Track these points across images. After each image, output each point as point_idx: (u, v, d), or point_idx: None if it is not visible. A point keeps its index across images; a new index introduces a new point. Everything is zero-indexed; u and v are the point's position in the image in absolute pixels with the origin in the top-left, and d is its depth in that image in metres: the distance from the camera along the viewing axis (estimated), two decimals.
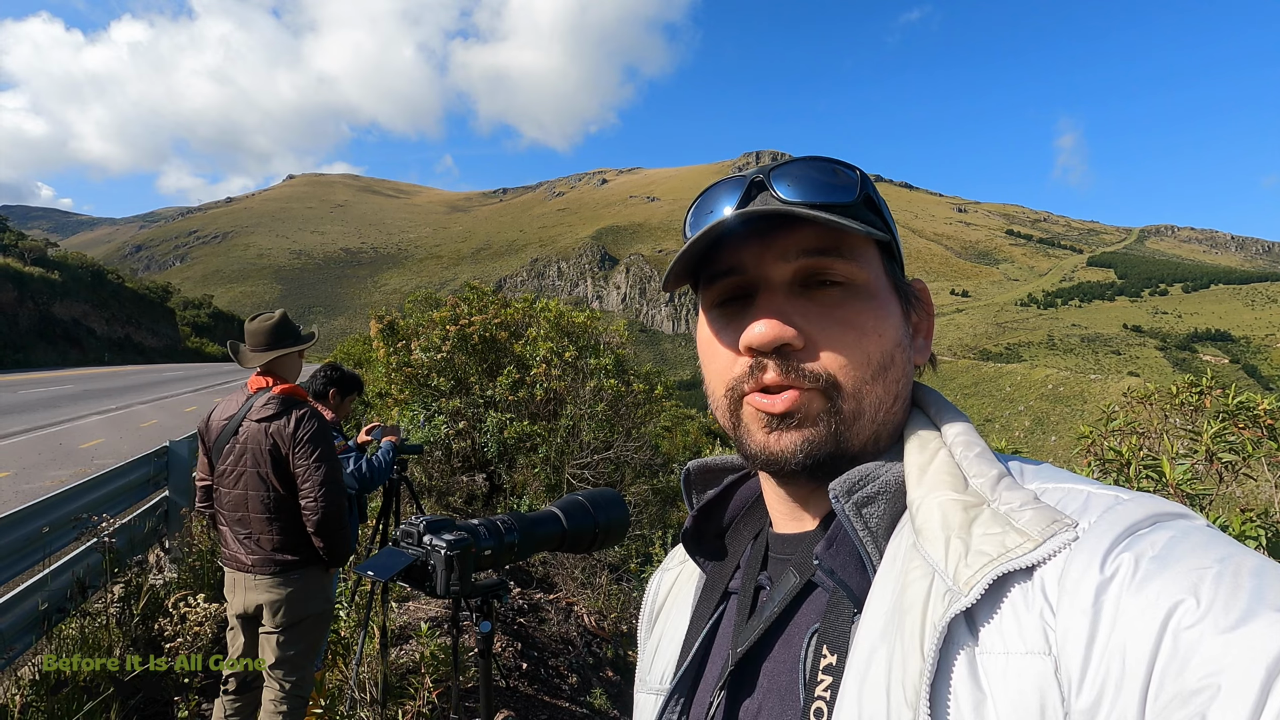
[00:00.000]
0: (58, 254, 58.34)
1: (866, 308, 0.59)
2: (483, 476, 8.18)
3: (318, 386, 3.50)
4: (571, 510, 1.32)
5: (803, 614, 0.61)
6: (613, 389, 7.73)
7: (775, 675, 0.60)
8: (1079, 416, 44.93)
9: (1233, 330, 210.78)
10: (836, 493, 0.56)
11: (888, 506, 0.57)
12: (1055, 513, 0.50)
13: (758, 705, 0.60)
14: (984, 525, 0.50)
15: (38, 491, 7.18)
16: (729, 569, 0.70)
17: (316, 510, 2.59)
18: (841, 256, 0.59)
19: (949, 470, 0.55)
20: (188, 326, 72.31)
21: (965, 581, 0.47)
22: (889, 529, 0.56)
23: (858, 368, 0.58)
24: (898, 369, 0.61)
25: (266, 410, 2.67)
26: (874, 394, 0.59)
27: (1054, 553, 0.47)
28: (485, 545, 1.12)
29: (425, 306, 11.70)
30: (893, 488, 0.58)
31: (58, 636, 3.46)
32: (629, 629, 5.71)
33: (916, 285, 0.66)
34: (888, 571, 0.54)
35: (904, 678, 0.47)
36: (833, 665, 0.54)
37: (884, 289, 0.61)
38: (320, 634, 2.81)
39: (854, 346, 0.58)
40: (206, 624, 3.22)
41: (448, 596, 1.04)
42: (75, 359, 43.15)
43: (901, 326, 0.62)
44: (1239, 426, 2.62)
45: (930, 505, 0.53)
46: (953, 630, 0.47)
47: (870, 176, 0.62)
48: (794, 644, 0.59)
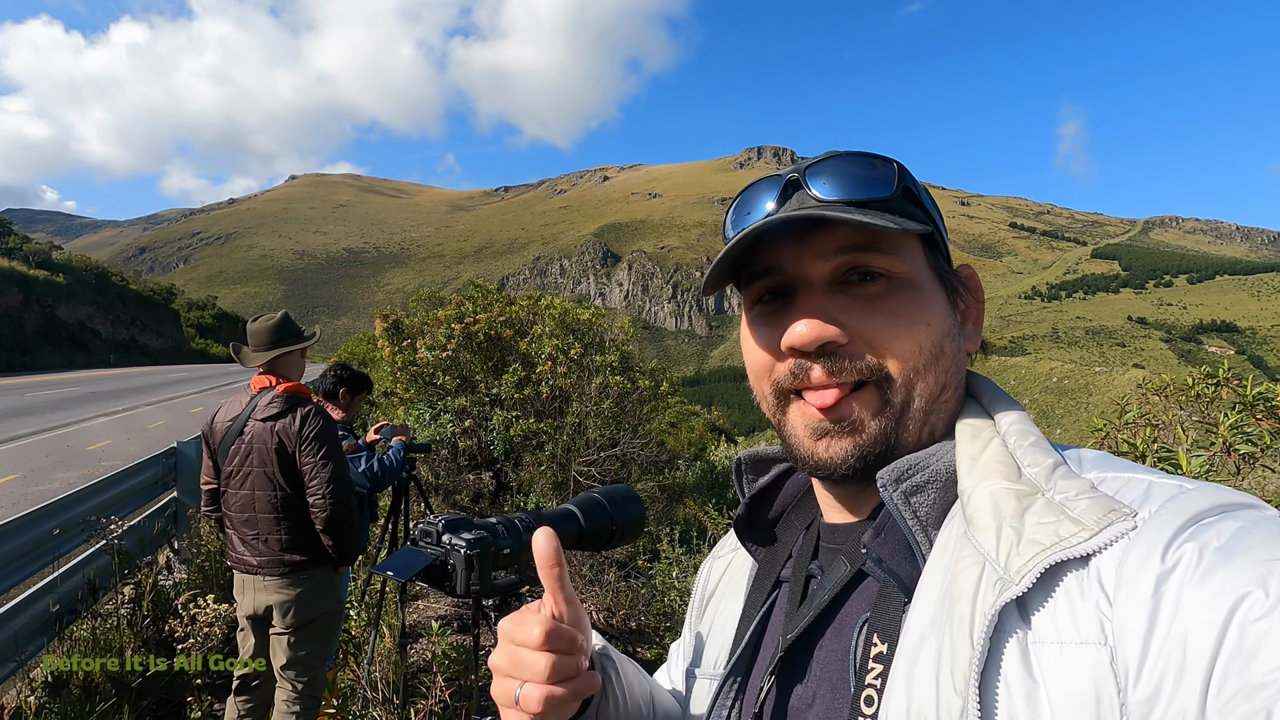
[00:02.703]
0: (62, 257, 58.55)
1: (911, 298, 0.59)
2: (489, 474, 8.19)
3: (327, 386, 3.50)
4: (588, 507, 1.30)
5: (853, 603, 0.61)
6: (618, 386, 7.72)
7: (827, 663, 0.60)
8: (1084, 409, 44.83)
9: (1238, 321, 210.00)
10: (884, 481, 0.56)
11: (938, 496, 0.57)
12: (1112, 502, 0.49)
13: (811, 692, 0.61)
14: (1037, 514, 0.49)
15: (46, 494, 7.20)
16: (781, 557, 0.71)
17: (325, 507, 2.57)
18: (881, 250, 0.59)
19: (1002, 459, 0.55)
20: (192, 328, 72.53)
21: (1017, 570, 0.47)
22: (939, 518, 0.57)
23: (908, 358, 0.58)
24: (948, 358, 0.60)
25: (272, 409, 2.65)
26: (926, 384, 0.59)
27: (1110, 542, 0.46)
28: (504, 544, 1.11)
29: (429, 305, 11.71)
30: (943, 477, 0.57)
31: (69, 638, 3.47)
32: (638, 625, 5.70)
33: (964, 272, 0.66)
34: (938, 560, 0.54)
35: (953, 666, 0.47)
36: (883, 654, 0.54)
37: (928, 279, 0.61)
38: (331, 634, 2.81)
39: (903, 337, 0.58)
40: (217, 624, 3.22)
41: (468, 596, 1.02)
42: (81, 361, 43.29)
43: (949, 315, 0.62)
44: (1256, 418, 2.60)
45: (981, 494, 0.53)
46: (1003, 619, 0.47)
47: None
48: (845, 632, 0.60)
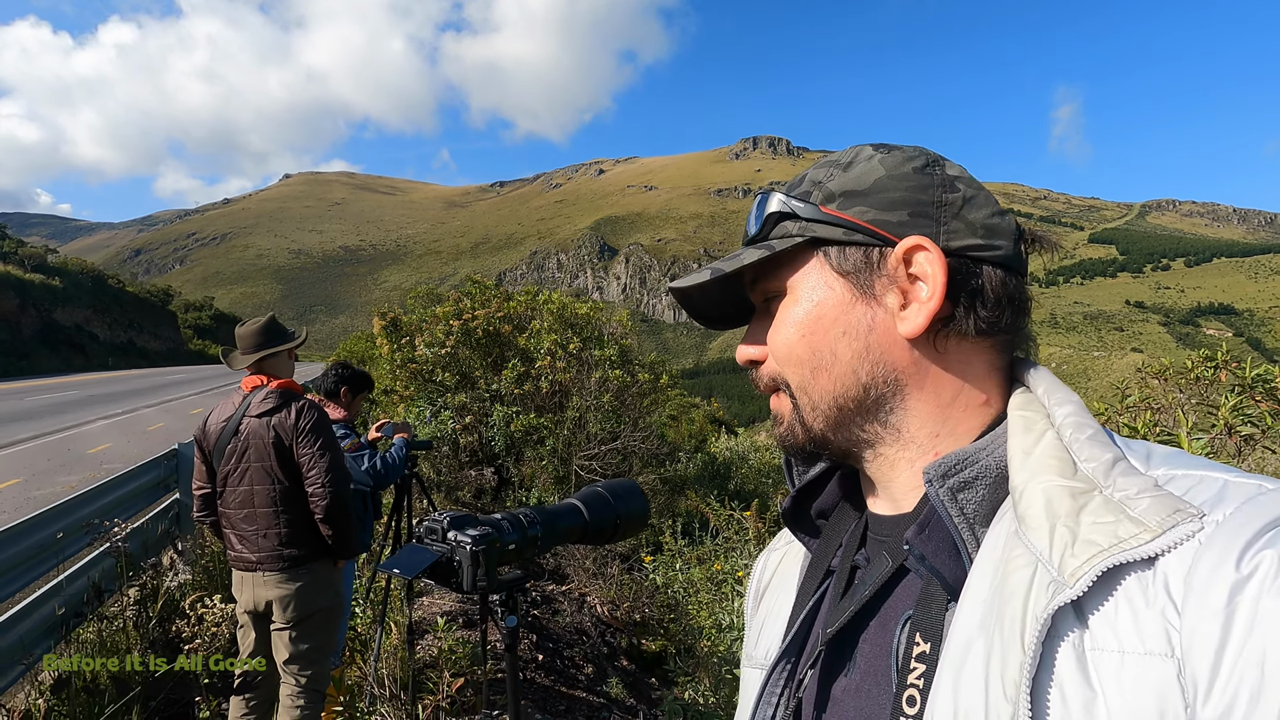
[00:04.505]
0: (57, 260, 58.38)
1: (793, 312, 0.63)
2: (491, 470, 8.20)
3: (329, 385, 3.50)
4: (592, 501, 1.31)
5: (897, 597, 0.60)
6: (618, 379, 7.72)
7: (871, 657, 0.60)
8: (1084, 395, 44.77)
9: (1236, 303, 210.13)
10: (930, 476, 0.55)
11: (987, 492, 0.55)
12: (1178, 501, 0.46)
13: (854, 685, 0.60)
14: (1094, 513, 0.48)
15: (48, 498, 7.21)
16: (832, 547, 0.70)
17: (324, 496, 2.61)
18: (770, 276, 0.65)
19: (1056, 454, 0.53)
20: (190, 329, 72.43)
21: (1071, 573, 0.45)
22: (988, 516, 0.55)
23: (794, 365, 0.63)
24: (846, 359, 0.61)
25: (266, 404, 2.69)
26: (820, 386, 0.62)
27: (1176, 544, 0.44)
28: (509, 540, 1.11)
29: (427, 302, 11.69)
30: (993, 472, 0.56)
31: (75, 641, 3.48)
32: (642, 618, 5.72)
33: (902, 253, 0.60)
34: (986, 560, 0.52)
35: (1003, 670, 0.46)
36: (925, 654, 0.54)
37: (814, 285, 0.63)
38: (332, 628, 2.83)
39: (790, 347, 0.63)
40: (223, 624, 3.23)
41: (474, 592, 1.03)
42: (79, 365, 43.24)
43: (848, 313, 0.61)
44: (1255, 399, 2.60)
45: (1034, 491, 0.51)
46: (1057, 623, 0.45)
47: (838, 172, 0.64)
48: (889, 627, 0.59)
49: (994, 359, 0.62)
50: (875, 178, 0.62)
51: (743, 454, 12.03)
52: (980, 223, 0.60)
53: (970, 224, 0.60)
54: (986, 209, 0.61)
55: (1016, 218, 0.64)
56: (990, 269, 0.60)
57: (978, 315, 0.59)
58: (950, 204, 0.61)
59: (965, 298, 0.59)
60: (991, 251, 0.60)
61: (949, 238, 0.60)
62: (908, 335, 0.60)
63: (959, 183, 0.62)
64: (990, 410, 0.61)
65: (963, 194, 0.61)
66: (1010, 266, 0.61)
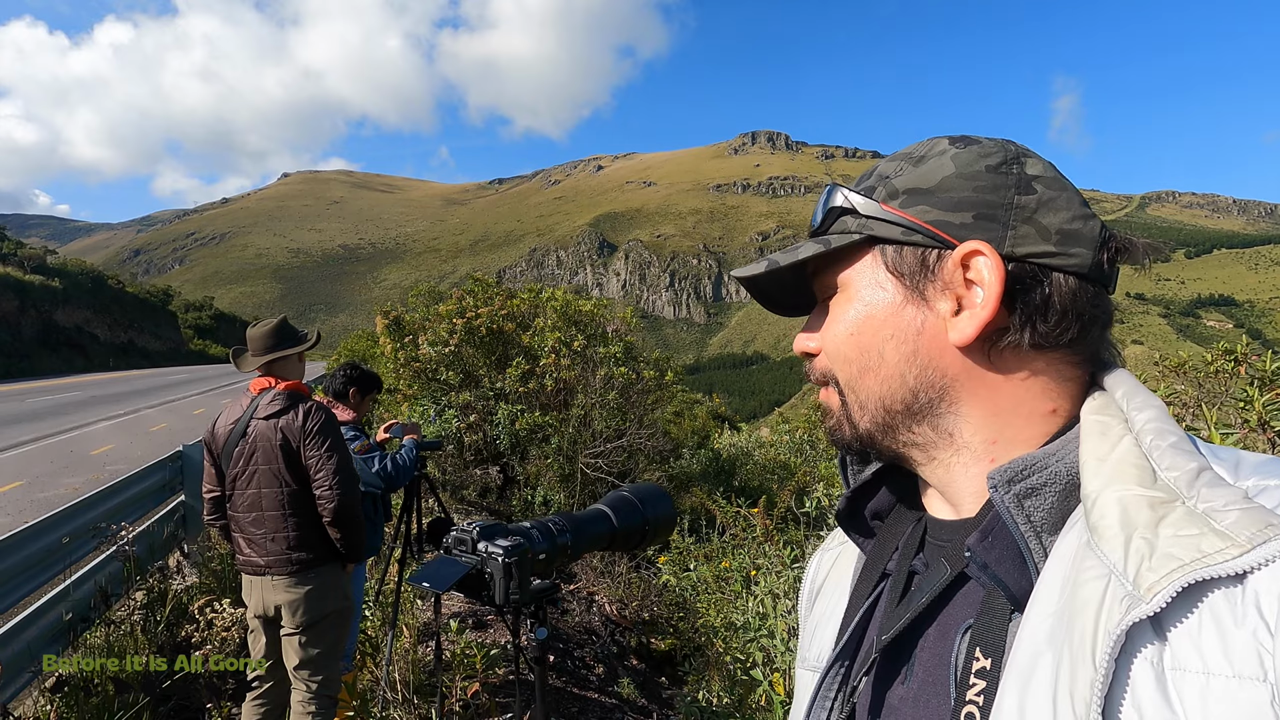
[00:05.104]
0: (57, 261, 58.37)
1: (845, 309, 0.63)
2: (496, 469, 8.17)
3: (337, 385, 3.46)
4: (620, 507, 1.27)
5: (956, 605, 0.58)
6: (623, 377, 7.68)
7: (931, 667, 0.58)
8: None
9: (1236, 294, 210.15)
10: (995, 482, 0.53)
11: (1056, 500, 0.53)
12: (1270, 515, 0.43)
13: (913, 694, 0.59)
14: (1175, 525, 0.45)
15: (51, 500, 7.18)
16: (888, 550, 0.68)
17: (332, 498, 2.58)
18: (829, 269, 0.65)
19: (1135, 461, 0.50)
20: (190, 329, 72.44)
21: (1149, 587, 0.42)
22: (1056, 524, 0.53)
23: (843, 363, 0.63)
24: (893, 362, 0.60)
25: (273, 406, 2.67)
26: (867, 386, 0.61)
27: (1267, 561, 0.41)
28: (540, 549, 1.08)
29: (429, 300, 11.65)
30: (1063, 479, 0.53)
31: (83, 647, 3.45)
32: (650, 616, 5.70)
33: (960, 256, 0.58)
34: (1055, 571, 0.50)
35: (1073, 687, 0.44)
36: (985, 669, 0.52)
37: (867, 284, 0.62)
38: (342, 632, 2.80)
39: (839, 345, 0.63)
40: (234, 628, 3.20)
41: (507, 606, 0.99)
42: (80, 365, 43.22)
43: (898, 315, 0.60)
44: (1277, 393, 2.56)
45: (1108, 500, 0.48)
46: (1132, 640, 0.43)
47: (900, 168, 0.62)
48: (948, 636, 0.58)
49: (1065, 370, 0.58)
50: (943, 175, 0.59)
51: (747, 450, 11.99)
52: (1056, 228, 0.57)
53: (1043, 229, 0.57)
54: (1066, 213, 0.57)
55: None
56: (1060, 278, 0.56)
57: (1035, 329, 0.56)
58: (1023, 207, 0.57)
59: (1025, 309, 0.56)
60: (1065, 259, 0.56)
61: (1015, 244, 0.56)
62: (957, 344, 0.57)
63: (1038, 183, 0.58)
64: (1058, 418, 0.58)
65: (1039, 196, 0.57)
66: (1086, 277, 0.57)
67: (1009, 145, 0.61)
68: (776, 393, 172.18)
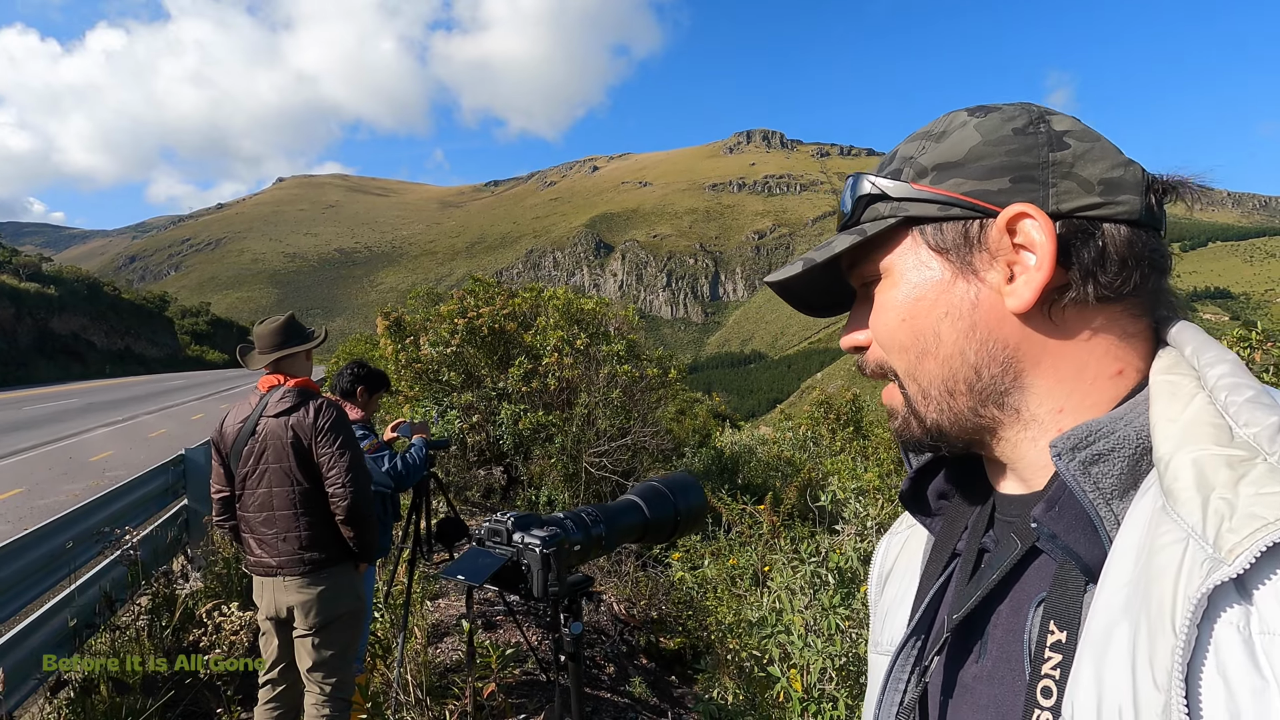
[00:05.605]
0: (53, 269, 58.25)
1: (891, 295, 0.61)
2: (500, 469, 8.14)
3: (345, 384, 3.42)
4: (651, 497, 1.24)
5: (1028, 579, 0.57)
6: (626, 374, 7.65)
7: (1004, 643, 0.57)
8: None
9: (1231, 287, 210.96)
10: (1059, 450, 0.51)
11: (1126, 466, 0.51)
12: None
13: (987, 671, 0.58)
14: (1256, 483, 0.42)
15: (51, 507, 7.12)
16: (957, 529, 0.67)
17: (345, 496, 2.54)
18: (866, 260, 0.63)
19: (1209, 420, 0.47)
20: (187, 335, 72.31)
21: (1230, 549, 0.40)
22: (1126, 490, 0.51)
23: (898, 351, 0.61)
24: (951, 340, 0.58)
25: (284, 404, 2.63)
26: (928, 371, 0.59)
27: None
28: (575, 540, 1.04)
29: (428, 302, 11.60)
30: (1132, 443, 0.51)
31: (88, 652, 3.40)
32: (659, 615, 5.66)
33: (1004, 222, 0.56)
34: (1129, 537, 0.48)
35: (1152, 656, 0.42)
36: (1061, 643, 0.50)
37: (911, 266, 0.60)
38: (354, 633, 2.76)
39: (891, 332, 0.61)
40: (242, 631, 3.15)
41: (545, 599, 0.95)
42: (77, 373, 43.09)
43: (948, 292, 0.58)
44: None
45: (1183, 461, 0.46)
46: (1215, 604, 0.41)
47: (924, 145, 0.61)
48: (1021, 611, 0.57)
49: (1128, 325, 0.57)
50: (970, 146, 0.58)
51: (750, 447, 11.98)
52: (1098, 178, 0.55)
53: (1084, 182, 0.55)
54: (1105, 162, 0.56)
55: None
56: (1113, 228, 0.55)
57: (1098, 281, 0.54)
58: (1059, 163, 0.56)
59: (1082, 263, 0.54)
60: (1113, 208, 0.55)
61: (1059, 200, 0.55)
62: (1016, 310, 0.56)
63: (1069, 137, 0.57)
64: (1125, 381, 0.56)
65: (1073, 150, 0.56)
66: (1139, 223, 0.55)
67: (1030, 106, 0.60)
68: (775, 391, 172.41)
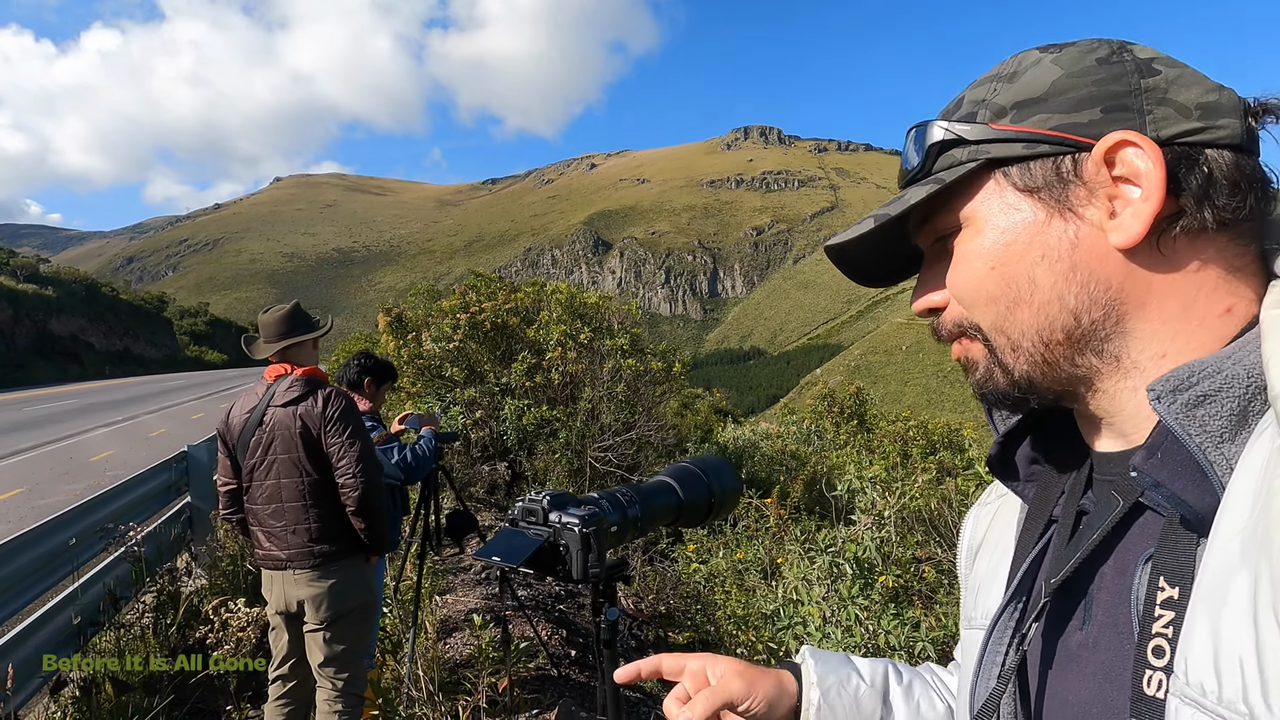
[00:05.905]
0: (50, 270, 58.15)
1: (975, 244, 0.58)
2: (504, 465, 8.09)
3: (352, 375, 3.36)
4: (684, 478, 1.19)
5: (1132, 538, 0.54)
6: (631, 369, 7.60)
7: (1110, 607, 0.54)
8: None
9: None
10: (1159, 392, 0.48)
11: (1235, 405, 0.48)
12: None
13: (1092, 638, 0.55)
14: None
15: (52, 506, 7.07)
16: (1054, 493, 0.63)
17: (356, 486, 2.48)
18: (942, 211, 0.59)
19: None
20: (186, 335, 72.23)
21: None
22: (1236, 432, 0.47)
23: (985, 303, 0.57)
24: (1049, 285, 0.54)
25: (291, 393, 2.56)
26: (1021, 321, 0.56)
27: None
28: (612, 520, 0.99)
29: (429, 299, 11.55)
30: (1242, 382, 0.48)
31: (93, 650, 3.35)
32: (667, 610, 5.62)
33: (1101, 153, 0.53)
34: (1244, 483, 0.45)
35: (1275, 602, 0.39)
36: (1173, 599, 0.47)
37: (997, 211, 0.56)
38: (366, 627, 2.71)
39: (978, 283, 0.57)
40: (249, 628, 3.10)
41: (585, 581, 0.90)
42: (75, 374, 43.02)
43: (1043, 233, 0.55)
44: None
45: None
46: None
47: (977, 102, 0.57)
48: (1126, 571, 0.53)
49: (1235, 258, 0.53)
50: (1052, 79, 0.55)
51: (753, 442, 11.94)
52: (1194, 103, 0.52)
53: (1181, 107, 0.52)
54: (1198, 87, 0.53)
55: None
56: (1216, 153, 0.52)
57: (1215, 205, 0.51)
58: (1152, 89, 0.53)
59: (1192, 189, 0.51)
60: (1215, 133, 0.52)
61: (1158, 126, 0.52)
62: (1123, 245, 0.52)
63: (1156, 64, 0.54)
64: (1235, 319, 0.52)
65: (1164, 75, 0.53)
66: (1240, 147, 0.52)
67: (1108, 40, 0.57)
68: (774, 387, 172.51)
